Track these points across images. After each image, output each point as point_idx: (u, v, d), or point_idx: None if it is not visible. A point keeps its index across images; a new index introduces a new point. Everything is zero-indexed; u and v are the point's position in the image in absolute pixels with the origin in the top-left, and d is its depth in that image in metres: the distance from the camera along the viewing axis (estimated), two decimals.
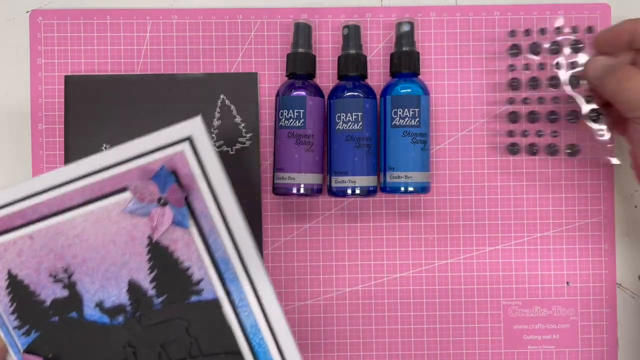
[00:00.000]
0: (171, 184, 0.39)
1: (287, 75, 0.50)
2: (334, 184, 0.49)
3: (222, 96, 0.51)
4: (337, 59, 0.51)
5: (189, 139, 0.40)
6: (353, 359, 0.52)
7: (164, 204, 0.40)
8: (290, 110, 0.48)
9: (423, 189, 0.48)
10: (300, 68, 0.49)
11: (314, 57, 0.50)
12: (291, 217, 0.52)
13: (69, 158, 0.51)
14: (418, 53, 0.50)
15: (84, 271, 0.41)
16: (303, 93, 0.48)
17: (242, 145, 0.51)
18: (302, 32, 0.50)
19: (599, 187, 0.52)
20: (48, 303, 0.41)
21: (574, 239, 0.52)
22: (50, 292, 0.41)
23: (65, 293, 0.41)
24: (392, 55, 0.50)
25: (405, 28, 0.50)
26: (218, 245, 0.40)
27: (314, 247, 0.52)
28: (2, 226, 0.41)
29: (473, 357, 0.52)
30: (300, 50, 0.50)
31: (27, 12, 0.52)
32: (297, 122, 0.48)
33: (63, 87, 0.51)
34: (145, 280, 0.41)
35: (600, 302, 0.52)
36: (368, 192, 0.48)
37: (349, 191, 0.48)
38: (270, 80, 0.52)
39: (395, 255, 0.52)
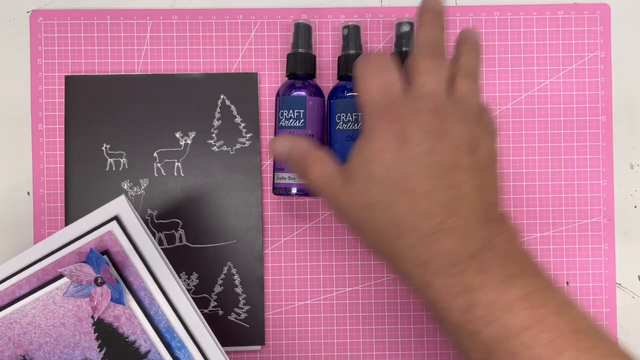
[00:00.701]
0: (103, 264, 0.41)
1: (287, 76, 0.50)
2: None
3: (222, 96, 0.51)
4: (337, 59, 0.51)
5: (116, 218, 0.42)
6: (353, 358, 0.52)
7: (101, 284, 0.41)
8: (290, 111, 0.48)
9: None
10: (300, 68, 0.49)
11: (314, 57, 0.50)
12: (291, 217, 0.52)
13: (69, 158, 0.51)
14: None
15: (41, 356, 0.43)
16: (303, 93, 0.49)
17: (242, 146, 0.51)
18: (302, 32, 0.50)
19: (599, 187, 0.52)
20: None
21: (574, 239, 0.52)
22: None
23: None
24: (391, 55, 0.50)
25: (405, 28, 0.50)
26: (160, 316, 0.42)
27: (314, 247, 0.52)
28: None
29: None
30: (300, 50, 0.50)
31: (27, 12, 0.52)
32: (297, 122, 0.48)
33: (63, 87, 0.51)
34: (97, 358, 0.43)
35: (600, 302, 0.52)
36: None
37: None
38: (270, 80, 0.52)
39: None
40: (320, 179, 0.40)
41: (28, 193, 0.52)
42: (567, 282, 0.52)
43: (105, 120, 0.51)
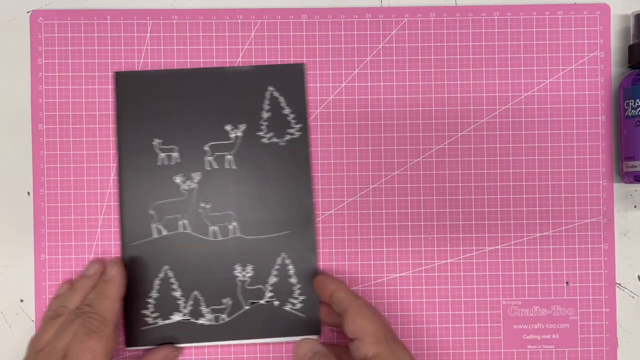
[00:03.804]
0: None
1: (630, 66, 0.51)
2: None
3: (270, 88, 0.52)
4: (627, 47, 0.52)
5: None
6: None
7: None
8: (639, 100, 0.50)
9: None
10: None
11: None
12: None
13: (122, 154, 0.51)
14: None
15: None
16: None
17: (292, 136, 0.52)
18: None
19: (599, 187, 0.53)
20: None
21: (574, 239, 0.52)
22: None
23: None
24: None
25: None
26: None
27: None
28: None
29: (473, 357, 0.52)
30: None
31: (27, 12, 0.52)
32: None
33: (63, 87, 0.51)
34: None
35: (600, 302, 0.52)
36: None
37: None
38: None
39: (395, 255, 0.52)
40: None
41: (28, 193, 0.52)
42: (567, 282, 0.52)
43: (156, 115, 0.51)
